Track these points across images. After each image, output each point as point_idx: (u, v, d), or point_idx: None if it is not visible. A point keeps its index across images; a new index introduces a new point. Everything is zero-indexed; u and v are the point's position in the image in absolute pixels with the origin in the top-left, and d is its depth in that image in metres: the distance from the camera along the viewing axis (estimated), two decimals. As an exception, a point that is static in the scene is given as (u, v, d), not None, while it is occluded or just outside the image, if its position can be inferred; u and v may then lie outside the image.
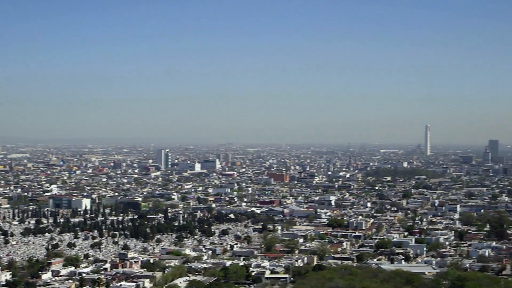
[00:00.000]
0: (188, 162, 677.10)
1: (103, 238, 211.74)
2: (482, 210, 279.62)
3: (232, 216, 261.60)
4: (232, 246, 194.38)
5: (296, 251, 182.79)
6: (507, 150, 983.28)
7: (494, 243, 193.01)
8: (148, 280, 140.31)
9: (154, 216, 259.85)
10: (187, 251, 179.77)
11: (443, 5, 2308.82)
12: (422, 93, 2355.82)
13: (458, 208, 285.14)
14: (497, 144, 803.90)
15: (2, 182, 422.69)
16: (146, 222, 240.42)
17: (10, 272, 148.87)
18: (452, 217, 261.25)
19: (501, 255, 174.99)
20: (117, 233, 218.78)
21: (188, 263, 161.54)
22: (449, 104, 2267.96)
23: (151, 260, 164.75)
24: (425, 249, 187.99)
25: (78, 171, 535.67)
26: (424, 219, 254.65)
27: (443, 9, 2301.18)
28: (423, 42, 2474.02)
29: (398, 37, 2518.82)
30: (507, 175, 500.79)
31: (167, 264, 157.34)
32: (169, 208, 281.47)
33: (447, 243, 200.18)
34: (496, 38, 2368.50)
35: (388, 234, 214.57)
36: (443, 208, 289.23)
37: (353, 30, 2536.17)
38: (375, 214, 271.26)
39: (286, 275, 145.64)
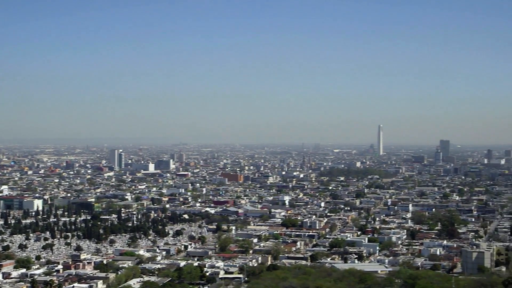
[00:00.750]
0: (142, 162, 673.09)
1: (55, 239, 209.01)
2: (434, 209, 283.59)
3: (186, 216, 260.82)
4: (186, 247, 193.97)
5: (250, 251, 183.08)
6: (457, 150, 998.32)
7: (445, 242, 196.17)
8: (101, 281, 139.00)
9: (108, 217, 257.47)
10: (141, 252, 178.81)
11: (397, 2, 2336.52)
12: (374, 94, 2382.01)
13: (410, 207, 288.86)
14: (448, 144, 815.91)
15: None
16: (99, 223, 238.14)
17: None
18: (404, 216, 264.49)
19: (451, 254, 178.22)
20: (69, 234, 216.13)
21: (142, 264, 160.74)
22: (402, 105, 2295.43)
23: (104, 261, 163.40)
24: (378, 248, 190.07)
25: (30, 172, 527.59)
26: (377, 219, 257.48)
27: (393, 5, 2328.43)
28: (373, 42, 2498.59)
29: (350, 37, 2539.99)
30: (458, 175, 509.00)
31: (120, 265, 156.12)
32: (122, 209, 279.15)
33: (399, 242, 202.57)
34: (445, 38, 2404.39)
35: (342, 234, 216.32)
36: (396, 207, 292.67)
37: (304, 28, 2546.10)
38: (328, 214, 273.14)
39: (240, 275, 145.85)
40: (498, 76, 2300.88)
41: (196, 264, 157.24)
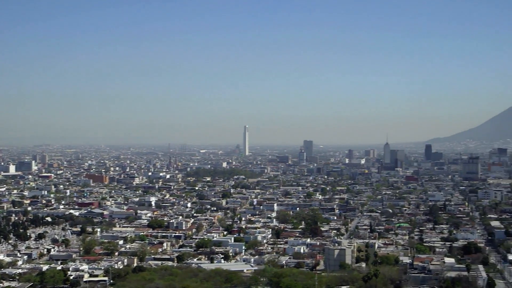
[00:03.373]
0: (2, 164, 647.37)
1: None
2: (298, 208, 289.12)
3: (49, 219, 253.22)
4: (49, 250, 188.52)
5: (116, 253, 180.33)
6: (320, 150, 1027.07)
7: (308, 240, 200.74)
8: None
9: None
10: (1, 257, 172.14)
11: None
12: (240, 94, 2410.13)
13: (275, 207, 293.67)
14: (311, 144, 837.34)
15: None
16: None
17: None
18: (269, 215, 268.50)
19: (315, 251, 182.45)
20: None
21: (2, 269, 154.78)
22: (267, 105, 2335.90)
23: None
24: (243, 247, 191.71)
25: None
26: (243, 218, 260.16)
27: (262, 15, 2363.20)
28: (234, 43, 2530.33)
29: (214, 38, 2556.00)
30: (321, 174, 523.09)
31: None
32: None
33: (264, 241, 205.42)
34: (307, 40, 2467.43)
35: (208, 234, 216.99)
36: (261, 207, 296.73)
37: (169, 29, 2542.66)
38: (195, 214, 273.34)
39: (106, 278, 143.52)
40: (357, 78, 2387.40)
41: (59, 267, 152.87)
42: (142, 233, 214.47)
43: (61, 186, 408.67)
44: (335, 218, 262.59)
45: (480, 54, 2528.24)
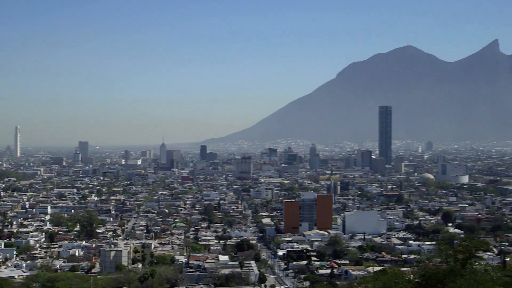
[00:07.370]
0: None
1: None
2: (73, 211, 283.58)
3: None
4: None
5: None
6: (96, 151, 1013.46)
7: (84, 242, 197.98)
8: None
9: None
10: None
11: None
12: (11, 93, 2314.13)
13: (49, 210, 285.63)
14: (87, 145, 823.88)
15: None
16: None
17: None
18: (43, 218, 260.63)
19: (90, 254, 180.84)
20: None
21: None
22: (40, 105, 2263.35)
23: None
24: (15, 252, 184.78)
25: None
26: (14, 222, 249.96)
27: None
28: (7, 41, 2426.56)
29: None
30: (97, 175, 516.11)
31: None
32: None
33: (37, 245, 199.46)
34: (80, 40, 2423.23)
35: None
36: (34, 210, 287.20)
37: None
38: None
39: None
40: (136, 80, 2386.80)
41: None
42: None
43: None
44: (112, 219, 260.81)
45: (254, 58, 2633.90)
